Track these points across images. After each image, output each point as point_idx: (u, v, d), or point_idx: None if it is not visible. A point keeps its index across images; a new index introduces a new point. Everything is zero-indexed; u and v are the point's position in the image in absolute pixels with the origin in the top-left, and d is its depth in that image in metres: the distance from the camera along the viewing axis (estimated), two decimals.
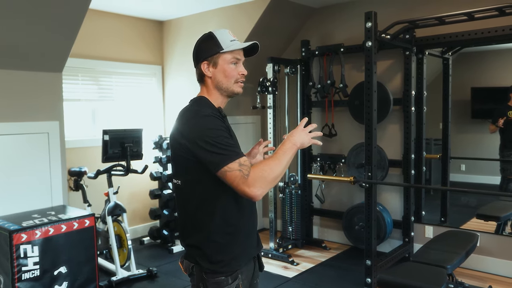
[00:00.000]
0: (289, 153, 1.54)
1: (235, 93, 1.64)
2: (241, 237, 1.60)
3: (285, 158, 1.52)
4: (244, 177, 1.43)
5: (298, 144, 1.57)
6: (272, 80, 4.19)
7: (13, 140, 3.11)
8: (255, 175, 1.44)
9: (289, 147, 1.55)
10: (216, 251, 1.57)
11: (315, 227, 4.78)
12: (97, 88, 4.58)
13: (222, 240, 1.57)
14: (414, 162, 4.01)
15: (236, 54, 1.61)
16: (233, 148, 1.48)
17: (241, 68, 1.63)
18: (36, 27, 2.87)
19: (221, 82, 1.61)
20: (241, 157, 1.47)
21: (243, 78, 1.64)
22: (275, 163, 1.49)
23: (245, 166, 1.45)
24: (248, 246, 1.64)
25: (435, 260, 2.77)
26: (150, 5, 4.36)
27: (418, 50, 3.96)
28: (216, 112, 1.57)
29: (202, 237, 1.57)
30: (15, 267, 2.72)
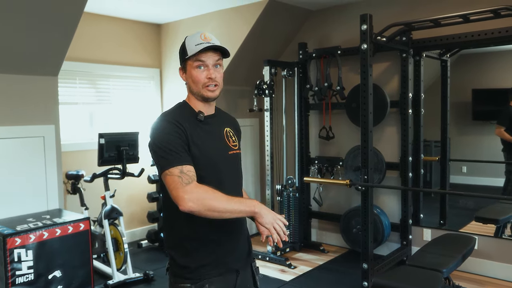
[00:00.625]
0: (243, 207, 1.45)
1: (206, 98, 1.59)
2: (211, 246, 1.56)
3: (235, 206, 1.44)
4: (182, 184, 1.42)
5: (258, 213, 1.45)
6: (269, 83, 4.19)
7: (8, 144, 3.11)
8: (198, 190, 1.42)
9: (248, 205, 1.46)
10: (182, 256, 1.57)
11: (313, 230, 4.76)
12: (94, 92, 4.59)
13: (189, 246, 1.56)
14: (412, 165, 3.99)
15: (200, 57, 1.55)
16: (179, 155, 1.46)
17: (208, 72, 1.56)
18: (31, 31, 2.88)
19: (192, 87, 1.61)
20: (185, 165, 1.45)
21: (211, 82, 1.57)
22: (225, 201, 1.43)
23: (186, 175, 1.44)
24: (222, 256, 1.58)
25: (430, 263, 2.76)
26: (148, 9, 4.37)
27: (415, 52, 3.95)
28: (181, 118, 1.55)
29: (172, 240, 1.61)
30: (9, 271, 2.72)
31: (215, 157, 1.58)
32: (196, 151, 1.53)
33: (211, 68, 1.57)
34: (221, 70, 1.61)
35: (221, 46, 1.58)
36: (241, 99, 4.92)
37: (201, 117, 1.59)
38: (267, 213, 1.46)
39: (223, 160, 1.61)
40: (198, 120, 1.59)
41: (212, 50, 1.57)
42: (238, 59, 4.47)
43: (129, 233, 4.77)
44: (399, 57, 3.95)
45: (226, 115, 1.79)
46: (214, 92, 1.59)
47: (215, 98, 1.62)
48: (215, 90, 1.59)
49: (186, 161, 1.47)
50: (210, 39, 1.58)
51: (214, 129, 1.64)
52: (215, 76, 1.57)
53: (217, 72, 1.59)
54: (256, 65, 4.64)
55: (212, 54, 1.57)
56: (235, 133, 1.74)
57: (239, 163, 1.71)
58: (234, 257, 1.62)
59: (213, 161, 1.57)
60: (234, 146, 1.68)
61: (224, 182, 1.58)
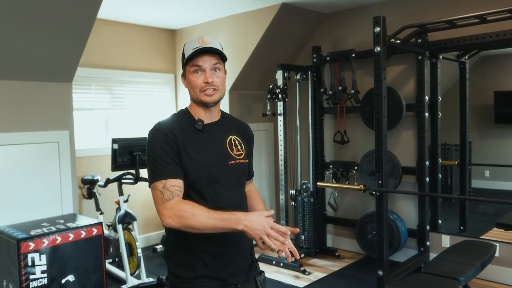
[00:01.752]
0: (224, 224, 1.35)
1: (204, 102, 1.54)
2: (205, 258, 1.52)
3: (216, 223, 1.36)
4: (163, 199, 1.42)
5: (243, 230, 1.34)
6: (282, 87, 4.16)
7: (24, 150, 3.17)
8: (178, 207, 1.39)
9: (231, 222, 1.34)
10: (176, 266, 1.55)
11: (329, 235, 4.70)
12: (110, 97, 4.64)
13: (183, 256, 1.53)
14: (429, 169, 3.89)
15: (196, 61, 1.50)
16: (166, 167, 1.44)
17: (205, 76, 1.51)
18: (44, 39, 2.92)
19: (190, 92, 1.57)
20: (169, 179, 1.43)
21: (208, 86, 1.51)
22: (204, 219, 1.36)
23: (168, 191, 1.43)
24: (217, 270, 1.52)
25: (447, 271, 2.67)
26: (162, 15, 4.41)
27: (432, 54, 3.86)
28: (176, 126, 1.52)
29: (168, 249, 1.59)
30: (23, 275, 2.76)
31: (211, 167, 1.52)
32: (188, 161, 1.49)
33: (208, 72, 1.51)
34: (220, 74, 1.55)
35: (215, 48, 1.52)
36: (255, 104, 4.90)
37: (199, 126, 1.54)
38: (253, 229, 1.33)
39: (220, 171, 1.54)
40: (196, 128, 1.54)
41: (209, 53, 1.51)
42: (252, 63, 4.46)
43: (144, 237, 4.80)
44: (414, 59, 3.87)
45: (234, 122, 1.71)
46: (212, 97, 1.53)
47: (214, 103, 1.56)
48: (213, 94, 1.53)
49: (172, 174, 1.45)
50: (208, 42, 1.51)
51: (214, 138, 1.58)
52: (212, 80, 1.51)
53: (215, 76, 1.52)
54: (269, 69, 4.62)
55: (209, 58, 1.51)
56: (243, 141, 1.66)
57: (241, 173, 1.63)
58: (232, 271, 1.56)
59: (208, 171, 1.51)
60: (238, 156, 1.61)
61: (221, 193, 1.54)
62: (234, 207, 1.54)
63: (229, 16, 4.53)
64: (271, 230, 1.33)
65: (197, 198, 1.51)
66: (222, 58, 1.56)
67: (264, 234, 1.33)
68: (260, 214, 1.37)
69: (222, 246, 1.53)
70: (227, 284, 1.54)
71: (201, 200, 1.50)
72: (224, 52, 1.57)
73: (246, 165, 1.66)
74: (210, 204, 1.50)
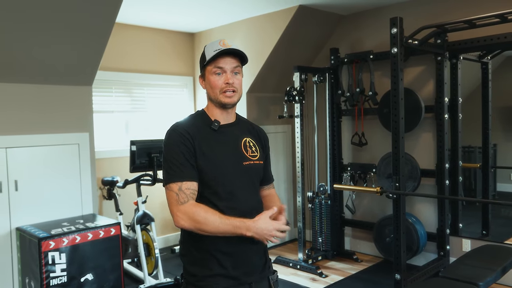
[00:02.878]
0: (233, 230, 1.45)
1: (223, 104, 1.58)
2: (218, 257, 1.54)
3: (226, 229, 1.45)
4: (179, 202, 1.47)
5: (252, 236, 1.45)
6: (299, 89, 4.16)
7: (46, 151, 3.26)
8: (191, 210, 1.46)
9: (239, 229, 1.45)
10: (191, 264, 1.58)
11: (347, 238, 4.66)
12: (130, 100, 4.73)
13: (197, 255, 1.56)
14: (449, 172, 3.82)
15: (218, 63, 1.55)
16: (180, 169, 1.49)
17: (226, 77, 1.55)
18: (64, 44, 3.01)
19: (210, 93, 1.60)
20: (185, 182, 1.48)
21: (229, 88, 1.55)
22: (216, 224, 1.44)
23: (183, 194, 1.48)
24: (231, 268, 1.54)
25: (466, 276, 2.62)
26: (181, 18, 4.47)
27: (452, 55, 3.80)
28: (192, 127, 1.55)
29: (183, 248, 1.63)
30: (44, 273, 2.83)
31: (226, 167, 1.55)
32: (204, 161, 1.52)
33: (229, 74, 1.56)
34: (240, 77, 1.59)
35: (239, 50, 1.57)
36: (273, 106, 4.91)
37: (215, 126, 1.58)
38: (261, 235, 1.46)
39: (235, 171, 1.57)
40: (212, 129, 1.58)
41: (231, 55, 1.56)
42: (269, 65, 4.47)
43: (162, 238, 4.86)
44: (434, 60, 3.81)
45: (249, 124, 1.75)
46: (231, 98, 1.57)
47: (233, 105, 1.60)
48: (233, 96, 1.57)
49: (187, 177, 1.49)
50: (230, 45, 1.55)
51: (229, 139, 1.61)
52: (232, 81, 1.55)
53: (235, 78, 1.57)
54: (287, 71, 4.63)
55: (230, 60, 1.56)
56: (257, 143, 1.69)
57: (256, 174, 1.65)
58: (246, 270, 1.57)
59: (223, 171, 1.54)
60: (253, 157, 1.63)
61: (236, 193, 1.56)
62: (249, 208, 1.57)
63: (246, 19, 4.55)
64: (277, 232, 1.47)
65: (212, 197, 1.54)
66: (242, 62, 1.61)
67: (270, 237, 1.47)
68: (266, 217, 1.47)
69: (236, 245, 1.55)
70: (241, 283, 1.57)
71: (216, 199, 1.54)
72: (246, 56, 1.63)
73: (261, 167, 1.68)
74: (225, 203, 1.53)
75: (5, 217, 3.09)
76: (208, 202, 1.53)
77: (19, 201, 3.15)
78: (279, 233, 1.47)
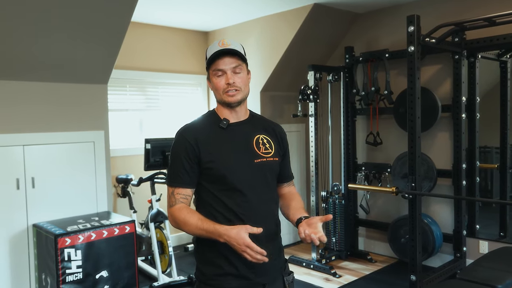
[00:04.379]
0: (210, 236, 1.47)
1: (228, 103, 1.58)
2: (230, 256, 1.52)
3: (202, 233, 1.49)
4: (169, 204, 1.59)
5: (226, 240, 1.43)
6: (313, 88, 4.13)
7: (62, 149, 3.30)
8: (175, 214, 1.55)
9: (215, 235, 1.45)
10: (202, 263, 1.58)
11: (361, 238, 4.62)
12: (144, 98, 4.75)
13: (208, 254, 1.56)
14: (465, 172, 3.76)
15: (217, 65, 1.54)
16: (177, 175, 1.56)
17: (226, 78, 1.54)
18: (81, 42, 3.04)
19: (215, 95, 1.62)
20: (177, 188, 1.57)
21: (230, 88, 1.54)
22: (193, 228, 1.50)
23: (174, 198, 1.57)
24: (243, 268, 1.53)
25: (484, 278, 2.56)
26: (196, 17, 4.47)
27: (469, 53, 3.73)
28: (200, 129, 1.60)
29: (196, 247, 1.64)
30: (60, 269, 2.87)
31: (235, 165, 1.54)
32: (211, 161, 1.53)
33: (229, 73, 1.55)
34: (242, 75, 1.57)
35: (234, 50, 1.54)
36: (287, 105, 4.89)
37: (224, 125, 1.58)
38: (232, 244, 1.43)
39: (245, 169, 1.56)
40: (221, 127, 1.58)
41: (229, 55, 1.54)
42: (283, 64, 4.45)
43: (176, 236, 4.87)
44: (451, 59, 3.75)
45: (263, 121, 1.72)
46: (234, 97, 1.56)
47: (238, 103, 1.58)
48: (236, 94, 1.56)
49: (180, 183, 1.56)
50: (229, 45, 1.54)
51: (239, 136, 1.60)
52: (233, 81, 1.54)
53: (236, 78, 1.55)
54: (301, 70, 4.60)
55: (229, 60, 1.54)
56: (272, 140, 1.66)
57: (269, 172, 1.62)
58: (259, 271, 1.55)
59: (231, 170, 1.53)
60: (266, 154, 1.61)
61: (245, 192, 1.54)
62: (260, 206, 1.55)
63: (260, 18, 4.54)
64: (246, 248, 1.40)
65: (222, 196, 1.54)
66: (243, 59, 1.59)
67: (241, 251, 1.42)
68: (242, 230, 1.41)
69: None
70: (254, 284, 1.55)
71: (226, 198, 1.53)
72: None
73: (276, 163, 1.65)
74: (235, 201, 1.53)
75: (22, 213, 3.14)
76: (218, 201, 1.54)
77: (36, 198, 3.19)
78: (251, 251, 1.39)
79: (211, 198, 1.55)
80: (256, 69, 4.46)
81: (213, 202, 1.55)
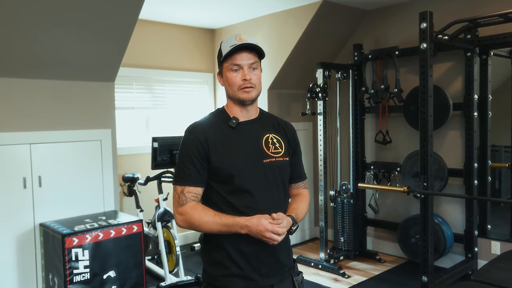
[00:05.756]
0: (229, 230, 1.44)
1: (242, 100, 1.53)
2: (237, 257, 1.49)
3: (222, 229, 1.45)
4: (178, 203, 1.51)
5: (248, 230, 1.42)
6: (322, 86, 4.08)
7: (68, 147, 3.26)
8: (188, 212, 1.48)
9: (235, 228, 1.43)
10: (209, 264, 1.56)
11: (369, 238, 4.57)
12: (150, 96, 4.71)
13: (217, 254, 1.52)
14: (477, 172, 3.70)
15: (234, 59, 1.50)
16: (187, 174, 1.50)
17: (243, 74, 1.50)
18: (88, 40, 2.99)
19: (228, 91, 1.56)
20: (187, 186, 1.50)
21: (247, 84, 1.50)
22: (210, 224, 1.45)
23: (184, 196, 1.50)
24: (250, 271, 1.50)
25: (499, 280, 2.51)
26: (202, 14, 4.43)
27: (482, 50, 3.67)
28: (209, 127, 1.54)
29: (203, 247, 1.60)
30: (67, 269, 2.83)
31: (243, 166, 1.50)
32: (219, 161, 1.49)
33: (246, 69, 1.51)
34: (258, 72, 1.54)
35: (255, 45, 1.51)
36: (294, 103, 4.84)
37: (233, 124, 1.54)
38: (255, 233, 1.42)
39: (253, 169, 1.51)
40: (230, 126, 1.54)
41: (247, 50, 1.51)
42: (291, 62, 4.40)
43: (182, 235, 4.84)
44: (463, 56, 3.69)
45: (273, 119, 1.67)
46: (249, 94, 1.52)
47: (252, 101, 1.55)
48: (251, 92, 1.52)
49: (191, 181, 1.50)
50: (246, 40, 1.51)
51: (248, 136, 1.56)
52: (250, 77, 1.50)
53: (253, 74, 1.51)
54: (309, 68, 4.55)
55: (247, 55, 1.51)
56: (282, 139, 1.62)
57: (279, 172, 1.57)
58: (266, 272, 1.52)
59: (240, 170, 1.49)
60: (276, 154, 1.56)
61: (254, 193, 1.50)
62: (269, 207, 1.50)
63: (268, 15, 4.49)
64: (268, 233, 1.40)
65: (230, 197, 1.50)
66: (259, 56, 1.56)
67: (262, 237, 1.41)
68: (261, 218, 1.42)
69: (256, 246, 1.48)
70: (261, 285, 1.52)
71: (233, 199, 1.49)
72: (263, 50, 1.57)
73: (287, 163, 1.61)
74: (242, 202, 1.49)
75: (29, 212, 3.10)
76: (226, 202, 1.50)
77: (43, 197, 3.16)
78: (272, 235, 1.40)
79: (219, 199, 1.51)
80: (264, 67, 4.37)
81: (221, 203, 1.51)
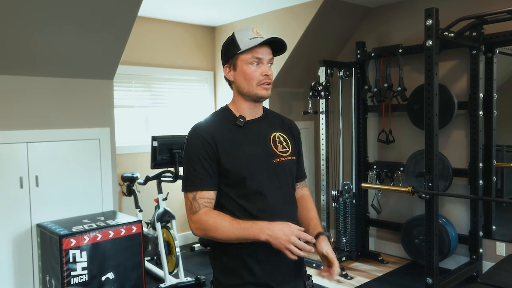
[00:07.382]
0: (246, 235, 1.34)
1: (259, 97, 1.46)
2: (252, 264, 1.42)
3: (239, 234, 1.35)
4: (191, 211, 1.42)
5: (266, 240, 1.31)
6: (325, 84, 4.02)
7: (66, 146, 3.19)
8: (202, 219, 1.39)
9: (253, 233, 1.33)
10: (222, 271, 1.47)
11: (371, 238, 4.51)
12: (150, 95, 4.65)
13: (229, 261, 1.44)
14: (482, 171, 3.64)
15: (255, 53, 1.42)
16: (196, 178, 1.41)
17: (264, 68, 1.44)
18: (86, 36, 2.93)
19: (242, 85, 1.47)
20: (199, 191, 1.41)
21: (267, 79, 1.44)
22: (227, 230, 1.35)
23: (197, 203, 1.41)
24: (264, 277, 1.43)
25: (508, 282, 2.46)
26: (202, 11, 4.36)
27: (487, 48, 3.61)
28: (215, 127, 1.45)
29: (212, 252, 1.52)
30: (65, 271, 2.77)
31: (253, 166, 1.43)
32: (229, 162, 1.42)
33: (266, 65, 1.45)
34: (272, 68, 1.50)
35: (282, 40, 1.46)
36: (296, 101, 4.78)
37: (241, 122, 1.47)
38: (276, 238, 1.30)
39: (264, 170, 1.45)
40: (237, 125, 1.47)
41: (268, 45, 1.46)
42: (293, 60, 4.34)
43: (182, 236, 4.78)
44: (468, 54, 3.63)
45: (278, 118, 1.62)
46: (268, 91, 1.47)
47: (266, 98, 1.49)
48: (269, 88, 1.47)
49: (202, 186, 1.42)
50: (263, 35, 1.46)
51: (257, 135, 1.49)
52: (270, 73, 1.45)
53: (270, 70, 1.47)
54: (311, 66, 4.49)
55: (267, 50, 1.45)
56: (288, 137, 1.57)
57: (289, 172, 1.52)
58: (280, 278, 1.46)
59: (250, 171, 1.42)
60: (284, 153, 1.51)
61: (265, 194, 1.43)
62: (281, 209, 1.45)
63: (269, 12, 4.42)
64: (296, 239, 1.29)
65: (241, 200, 1.43)
66: (274, 53, 1.51)
67: (288, 243, 1.29)
68: (287, 224, 1.33)
69: (270, 252, 1.40)
70: None
71: (244, 202, 1.43)
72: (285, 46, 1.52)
73: (294, 162, 1.56)
74: (254, 205, 1.42)
75: (26, 213, 3.04)
76: (238, 206, 1.43)
77: (40, 197, 3.09)
78: (299, 242, 1.29)
79: (231, 204, 1.43)
80: None
81: (233, 208, 1.43)
